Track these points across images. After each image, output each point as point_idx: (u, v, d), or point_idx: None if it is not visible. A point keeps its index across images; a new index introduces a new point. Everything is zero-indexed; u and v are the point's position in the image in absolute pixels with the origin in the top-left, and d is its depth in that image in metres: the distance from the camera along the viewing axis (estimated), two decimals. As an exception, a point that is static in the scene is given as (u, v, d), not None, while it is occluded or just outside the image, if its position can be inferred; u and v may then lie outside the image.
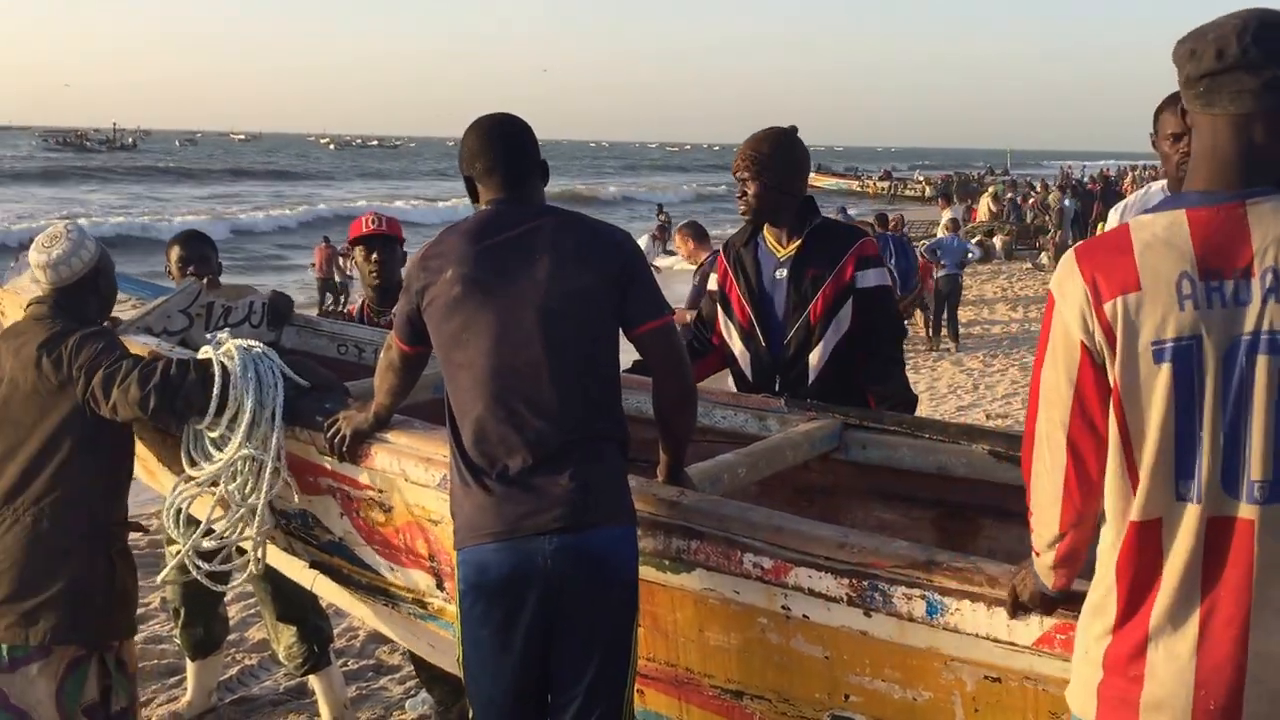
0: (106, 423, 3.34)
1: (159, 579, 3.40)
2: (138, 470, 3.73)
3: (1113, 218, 3.77)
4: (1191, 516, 1.86)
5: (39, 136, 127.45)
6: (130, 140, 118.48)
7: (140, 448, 3.72)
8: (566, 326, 2.76)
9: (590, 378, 2.80)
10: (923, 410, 6.44)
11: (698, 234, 7.99)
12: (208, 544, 3.45)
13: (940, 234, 17.97)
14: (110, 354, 3.33)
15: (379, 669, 5.19)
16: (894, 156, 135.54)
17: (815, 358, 3.87)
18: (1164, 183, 3.67)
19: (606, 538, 2.70)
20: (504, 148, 2.91)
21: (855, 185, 57.70)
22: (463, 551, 2.73)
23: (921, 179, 60.80)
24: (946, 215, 18.83)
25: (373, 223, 4.63)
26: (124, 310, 4.00)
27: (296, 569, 3.85)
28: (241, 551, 3.55)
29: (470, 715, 2.86)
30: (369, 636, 5.44)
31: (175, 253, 4.56)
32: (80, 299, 3.48)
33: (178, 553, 3.61)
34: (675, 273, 25.74)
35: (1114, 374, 1.88)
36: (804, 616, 2.59)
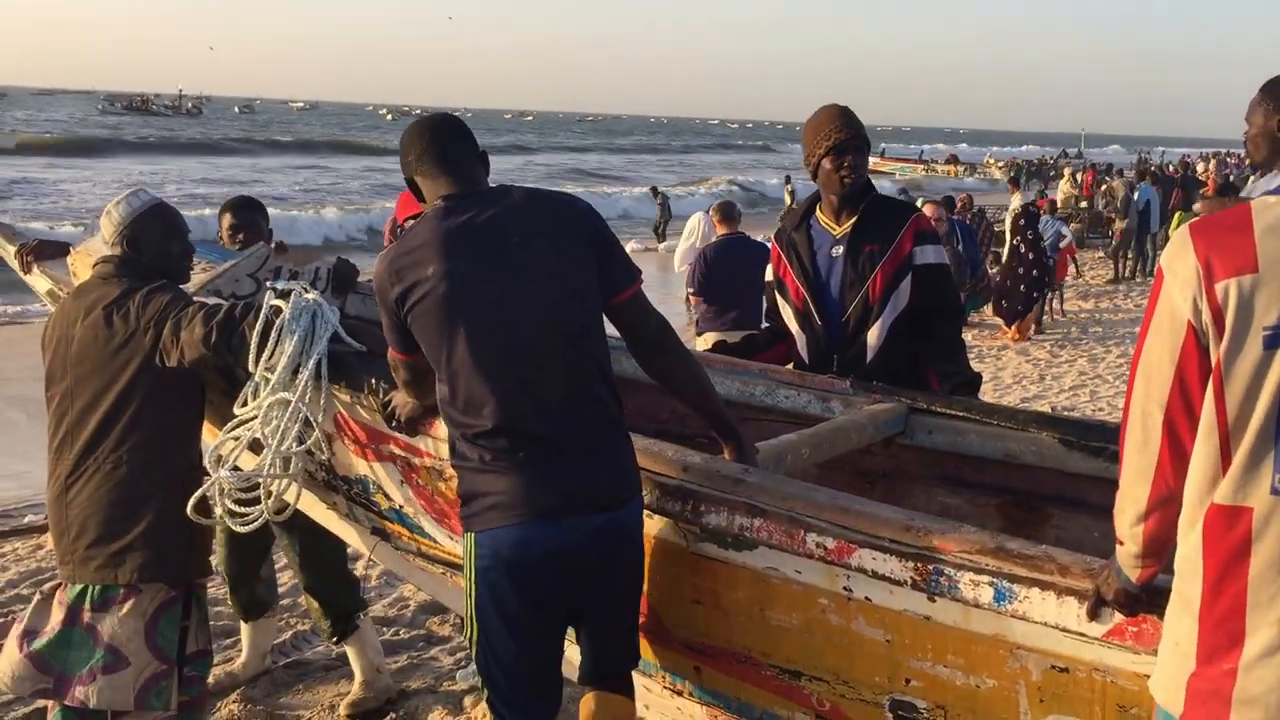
0: (176, 371, 3.43)
1: (188, 507, 3.43)
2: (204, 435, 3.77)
3: None
4: None
5: (104, 100, 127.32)
6: (194, 106, 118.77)
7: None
8: (565, 301, 2.78)
9: (594, 348, 2.83)
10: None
11: (725, 214, 8.33)
12: (224, 473, 3.43)
13: (1008, 220, 17.73)
14: (177, 304, 3.44)
15: (430, 639, 5.21)
16: (961, 138, 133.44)
17: (874, 335, 3.83)
18: None
19: (635, 512, 2.80)
20: (436, 134, 2.92)
21: (922, 171, 56.96)
22: (494, 531, 2.72)
23: (991, 161, 60.06)
24: (1016, 201, 18.51)
25: None
26: (194, 273, 4.04)
27: (355, 535, 3.88)
28: (269, 496, 3.55)
29: (483, 681, 2.87)
30: (420, 606, 5.47)
31: (227, 220, 4.62)
32: (141, 249, 3.59)
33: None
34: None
35: (1218, 356, 1.82)
36: (866, 599, 2.55)
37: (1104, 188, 26.38)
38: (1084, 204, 24.41)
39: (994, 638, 2.38)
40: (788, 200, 28.08)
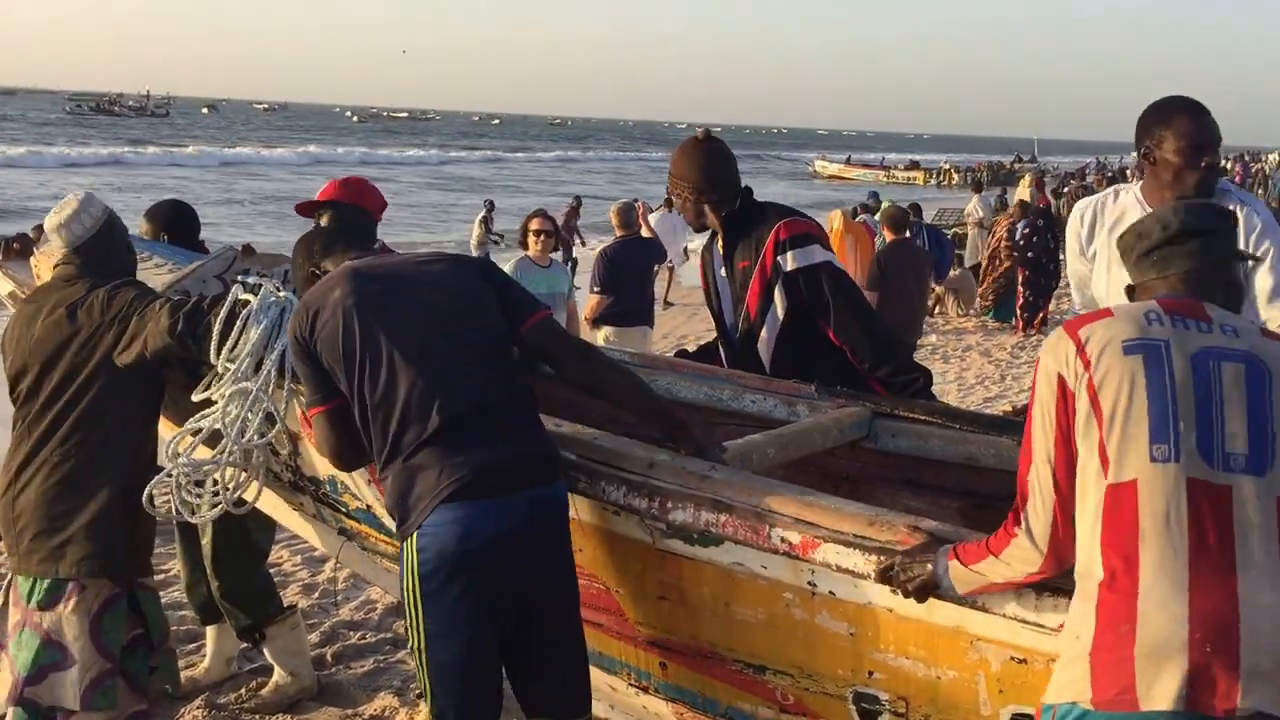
0: (135, 367, 3.43)
1: (144, 496, 3.43)
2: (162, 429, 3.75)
3: (1078, 216, 3.62)
4: (1169, 475, 2.03)
5: (69, 100, 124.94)
6: (159, 107, 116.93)
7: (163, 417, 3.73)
8: (469, 308, 2.96)
9: (503, 348, 2.98)
10: (949, 402, 6.36)
11: (624, 218, 8.70)
12: (181, 463, 3.41)
13: (969, 225, 17.95)
14: (142, 299, 3.46)
15: (397, 642, 5.17)
16: (926, 145, 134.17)
17: (764, 349, 3.89)
18: (1137, 188, 3.42)
19: (564, 489, 2.90)
20: (341, 221, 3.41)
21: (883, 177, 57.41)
22: (430, 521, 2.75)
23: (948, 165, 61.22)
24: (972, 204, 18.69)
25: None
26: (160, 275, 4.03)
27: (322, 537, 3.87)
28: (228, 489, 3.53)
29: (429, 694, 2.87)
30: (387, 609, 5.43)
31: (153, 227, 4.53)
32: (100, 257, 3.58)
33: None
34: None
35: (1088, 377, 2.11)
36: (830, 593, 2.59)
37: (1067, 190, 26.70)
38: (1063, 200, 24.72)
39: (955, 630, 2.42)
40: (476, 230, 19.26)
